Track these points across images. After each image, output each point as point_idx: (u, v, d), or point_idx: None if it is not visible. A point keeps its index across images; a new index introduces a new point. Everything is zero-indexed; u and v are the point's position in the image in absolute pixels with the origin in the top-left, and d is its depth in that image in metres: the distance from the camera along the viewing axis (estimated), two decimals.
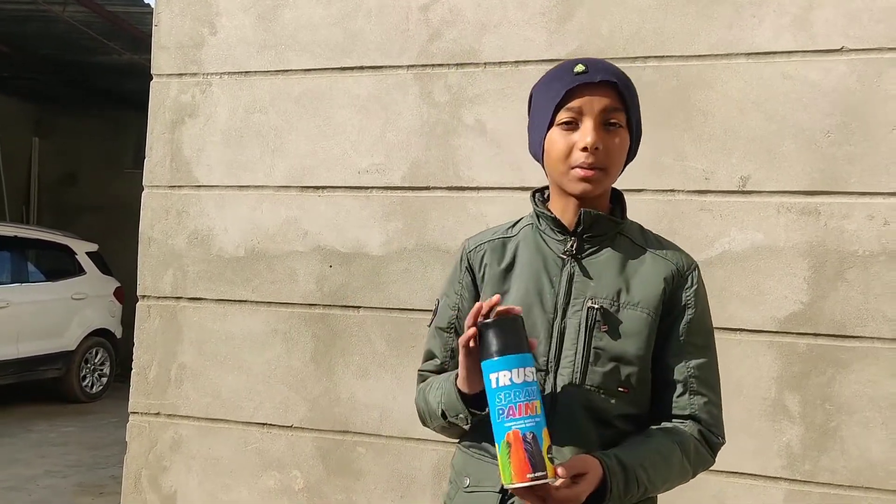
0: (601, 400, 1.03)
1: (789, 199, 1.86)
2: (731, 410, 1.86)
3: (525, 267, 1.08)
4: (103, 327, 6.60)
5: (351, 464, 2.12)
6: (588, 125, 1.02)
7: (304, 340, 2.17)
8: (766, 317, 1.85)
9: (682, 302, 1.06)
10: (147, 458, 2.27)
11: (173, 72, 2.27)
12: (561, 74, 1.06)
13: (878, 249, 1.80)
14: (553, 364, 1.04)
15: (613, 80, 1.04)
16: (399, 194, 2.11)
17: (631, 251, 1.08)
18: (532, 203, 1.12)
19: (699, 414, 1.05)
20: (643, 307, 1.04)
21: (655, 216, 1.92)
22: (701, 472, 1.07)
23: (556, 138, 1.05)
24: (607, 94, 1.03)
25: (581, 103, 1.03)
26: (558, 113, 1.04)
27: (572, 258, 1.07)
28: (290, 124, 2.19)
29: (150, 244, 2.29)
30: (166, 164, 2.29)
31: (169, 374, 2.26)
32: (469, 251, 1.14)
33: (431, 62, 2.09)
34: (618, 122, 1.04)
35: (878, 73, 1.81)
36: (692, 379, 1.05)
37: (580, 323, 1.04)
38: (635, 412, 1.05)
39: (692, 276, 1.08)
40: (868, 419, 1.79)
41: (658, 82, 1.94)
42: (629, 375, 1.03)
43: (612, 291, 1.05)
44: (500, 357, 0.93)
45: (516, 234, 1.12)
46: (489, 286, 1.10)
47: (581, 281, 1.05)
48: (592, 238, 1.07)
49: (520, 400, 0.92)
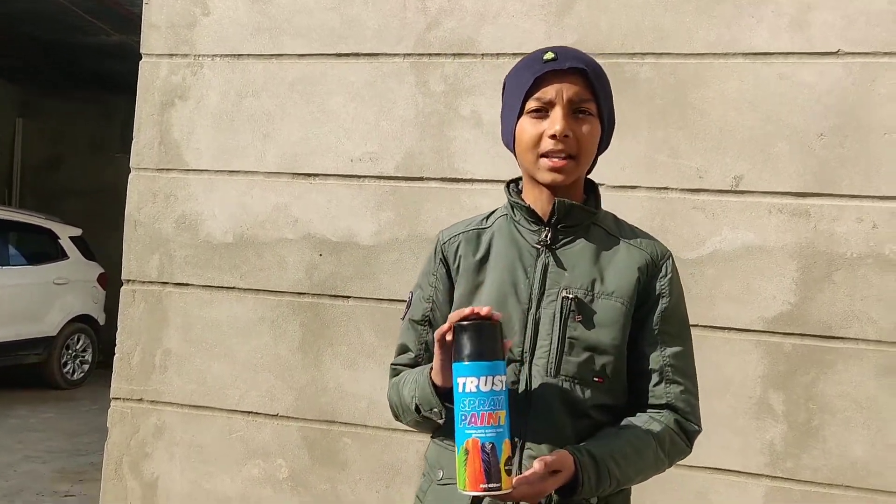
0: (576, 390, 1.02)
1: (781, 199, 1.87)
2: (716, 408, 1.88)
3: (500, 258, 1.08)
4: (86, 313, 6.51)
5: (337, 454, 2.10)
6: (557, 113, 1.02)
7: (292, 329, 2.15)
8: (755, 316, 1.87)
9: (656, 291, 1.06)
10: (129, 445, 2.24)
11: (163, 52, 2.23)
12: (531, 62, 1.05)
13: (865, 252, 1.82)
14: (528, 355, 1.04)
15: (583, 67, 1.03)
16: (392, 184, 2.09)
17: (605, 241, 1.08)
18: (506, 193, 1.11)
19: (675, 403, 1.05)
20: (617, 297, 1.04)
21: (648, 214, 1.92)
22: (679, 462, 1.08)
23: (525, 127, 1.04)
24: (576, 82, 1.03)
25: (550, 91, 1.02)
26: (528, 101, 1.04)
27: (547, 248, 1.06)
28: (283, 110, 2.16)
29: (136, 227, 2.26)
30: (154, 146, 2.25)
31: (153, 360, 2.23)
32: (443, 243, 1.13)
33: (428, 51, 2.07)
34: (587, 110, 1.04)
35: (872, 77, 1.82)
36: (668, 368, 1.05)
37: (555, 313, 1.03)
38: (610, 402, 1.05)
39: (666, 265, 1.08)
40: (850, 419, 1.81)
41: (655, 79, 1.94)
42: (604, 365, 1.03)
43: (586, 281, 1.05)
44: (470, 362, 0.92)
45: (491, 226, 1.12)
46: (464, 278, 1.09)
47: (555, 271, 1.05)
48: (567, 228, 1.07)
49: (484, 409, 0.92)
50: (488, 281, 1.07)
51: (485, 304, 1.06)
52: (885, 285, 1.80)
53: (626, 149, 1.93)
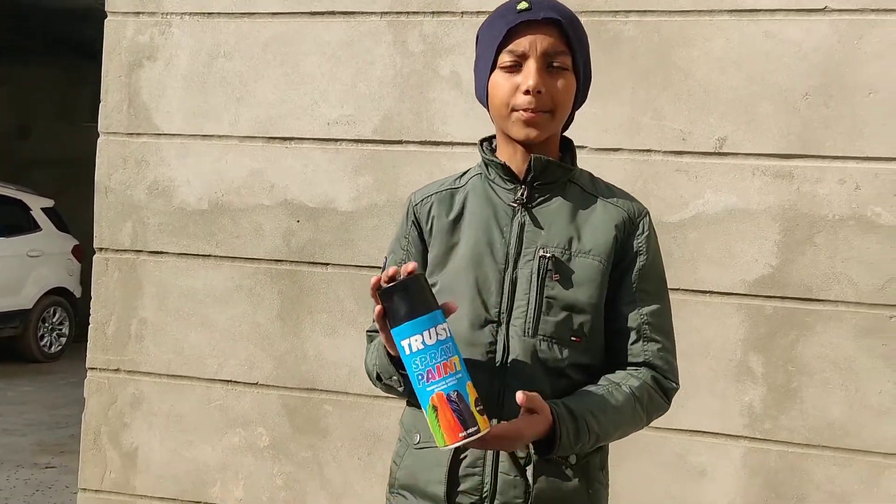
0: (554, 350, 1.01)
1: (764, 161, 1.85)
2: (697, 371, 1.89)
3: (474, 217, 1.05)
4: (61, 286, 6.41)
5: (318, 421, 2.09)
6: (531, 67, 0.99)
7: (270, 297, 2.11)
8: (736, 279, 1.87)
9: (633, 249, 1.05)
10: (107, 415, 2.20)
11: (129, 10, 2.14)
12: (504, 12, 1.01)
13: (847, 214, 1.81)
14: (505, 315, 1.02)
15: (557, 17, 0.99)
16: (370, 148, 2.04)
17: (582, 199, 1.06)
18: (480, 151, 1.08)
19: (653, 360, 1.04)
20: (595, 255, 1.03)
21: (631, 176, 1.90)
22: (657, 419, 1.07)
23: (499, 81, 1.01)
24: (551, 33, 0.99)
25: (523, 44, 0.99)
26: (501, 54, 1.00)
27: (523, 207, 1.04)
28: (257, 71, 2.09)
29: (107, 194, 2.19)
30: (123, 109, 2.17)
31: (129, 330, 2.19)
32: (415, 204, 1.10)
33: (406, 9, 2.00)
34: (562, 64, 1.00)
35: (859, 35, 1.79)
36: (645, 326, 1.04)
37: (532, 272, 1.02)
38: (588, 362, 1.04)
39: (643, 222, 1.06)
40: (827, 380, 1.83)
41: (639, 38, 1.89)
42: (582, 324, 1.02)
43: (563, 240, 1.03)
44: (407, 322, 0.90)
45: (464, 185, 1.09)
46: (437, 239, 1.07)
47: (532, 230, 1.03)
48: (543, 186, 1.05)
49: (437, 361, 0.89)
50: (463, 241, 1.05)
51: (460, 263, 1.04)
52: (867, 247, 1.80)
53: (608, 111, 1.89)
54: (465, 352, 0.99)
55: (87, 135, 2.78)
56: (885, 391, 1.81)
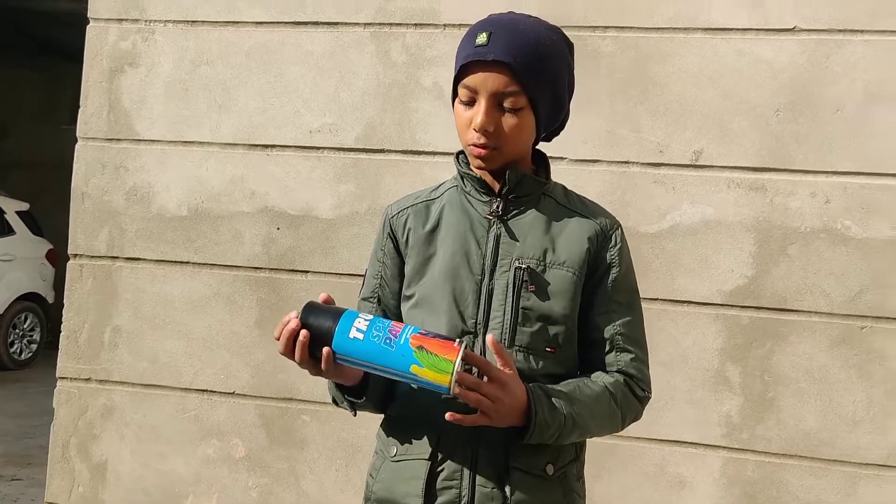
0: (530, 361, 1.02)
1: (739, 174, 1.89)
2: (675, 381, 1.90)
3: (451, 228, 1.06)
4: (33, 291, 6.26)
5: (295, 432, 2.06)
6: (480, 106, 0.99)
7: (249, 305, 2.09)
8: (713, 290, 1.89)
9: (606, 261, 1.06)
10: (76, 426, 2.15)
11: (112, 16, 2.14)
12: (467, 40, 1.02)
13: (818, 227, 1.86)
14: (481, 326, 1.02)
15: (509, 61, 0.97)
16: (352, 156, 2.05)
17: (555, 212, 1.07)
18: (456, 164, 1.10)
19: (626, 369, 1.06)
20: (569, 266, 1.04)
21: (609, 187, 1.93)
22: (630, 424, 1.08)
23: (458, 111, 1.04)
24: (503, 72, 0.98)
25: (476, 81, 0.99)
26: (458, 87, 1.02)
27: (498, 219, 1.05)
28: (240, 79, 2.09)
29: (83, 200, 2.16)
30: (103, 115, 2.15)
31: (102, 338, 2.15)
32: (391, 217, 1.11)
33: (389, 21, 2.03)
34: (512, 105, 0.99)
35: (826, 55, 1.85)
36: (619, 336, 1.05)
37: (508, 283, 1.02)
38: (562, 372, 1.04)
39: (615, 235, 1.08)
40: (803, 390, 1.85)
41: (617, 53, 1.93)
42: (556, 335, 1.03)
43: (538, 251, 1.04)
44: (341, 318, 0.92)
45: (440, 196, 1.10)
46: (414, 250, 1.08)
47: (507, 242, 1.04)
48: (517, 199, 1.06)
49: (388, 324, 0.92)
50: (440, 252, 1.06)
51: (437, 274, 1.05)
52: (837, 259, 1.85)
53: (587, 123, 1.93)
54: None
55: (66, 138, 2.75)
56: (858, 401, 1.83)
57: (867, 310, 1.83)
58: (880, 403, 1.82)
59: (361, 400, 1.03)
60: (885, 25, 1.83)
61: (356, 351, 0.91)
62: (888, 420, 1.82)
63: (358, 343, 0.90)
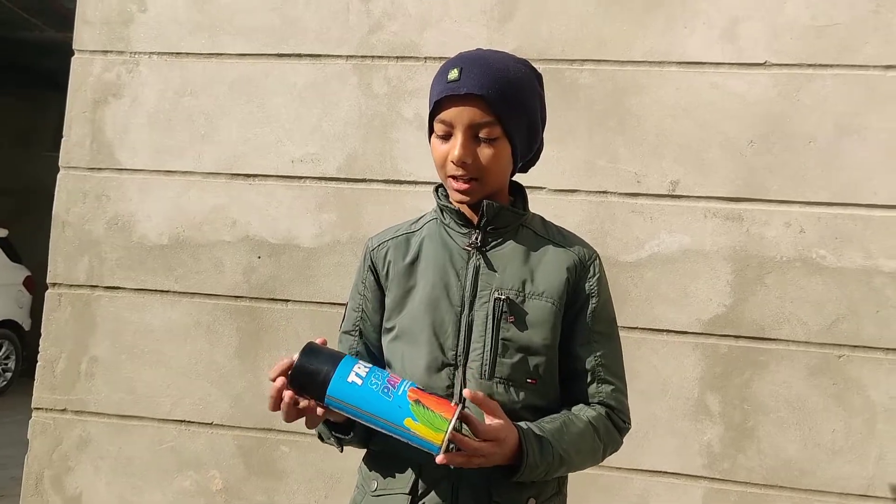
0: (510, 392, 1.02)
1: (715, 204, 1.92)
2: (655, 410, 1.90)
3: (430, 261, 1.07)
4: (9, 318, 6.17)
5: (274, 463, 2.03)
6: (456, 139, 1.00)
7: (229, 334, 2.07)
8: (692, 318, 1.90)
9: (585, 291, 1.07)
10: (51, 458, 2.11)
11: (97, 48, 2.16)
12: (440, 77, 1.04)
13: (794, 256, 1.88)
14: (462, 358, 1.02)
15: (481, 93, 0.99)
16: (334, 185, 2.06)
17: (534, 242, 1.08)
18: (435, 197, 1.11)
19: (607, 401, 1.06)
20: (548, 297, 1.04)
21: (588, 217, 1.95)
22: (611, 455, 1.08)
23: (435, 145, 1.04)
24: (477, 105, 0.99)
25: (451, 115, 1.00)
26: (434, 122, 1.03)
27: (477, 251, 1.06)
28: (223, 109, 2.11)
29: (63, 228, 2.15)
30: (86, 144, 2.16)
31: (78, 368, 2.12)
32: (372, 250, 1.12)
33: (371, 53, 2.06)
34: (487, 135, 1.01)
35: (797, 88, 1.90)
36: (599, 367, 1.06)
37: (487, 315, 1.02)
38: (543, 404, 1.04)
39: (594, 265, 1.09)
40: (782, 419, 1.86)
41: (595, 85, 1.97)
42: (537, 366, 1.03)
43: (517, 282, 1.04)
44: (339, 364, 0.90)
45: (420, 229, 1.11)
46: (395, 283, 1.08)
47: (486, 273, 1.05)
48: (496, 230, 1.07)
49: (386, 374, 0.91)
50: (420, 284, 1.06)
51: (417, 306, 1.05)
52: (813, 288, 1.86)
53: (566, 153, 1.95)
54: None
55: (45, 164, 2.75)
56: (837, 430, 1.84)
57: (844, 338, 1.84)
58: (859, 432, 1.83)
59: (349, 436, 1.02)
60: (853, 60, 1.88)
61: (353, 396, 0.89)
62: (867, 449, 1.82)
63: (356, 388, 0.89)
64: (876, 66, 1.87)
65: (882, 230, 1.85)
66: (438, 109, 1.02)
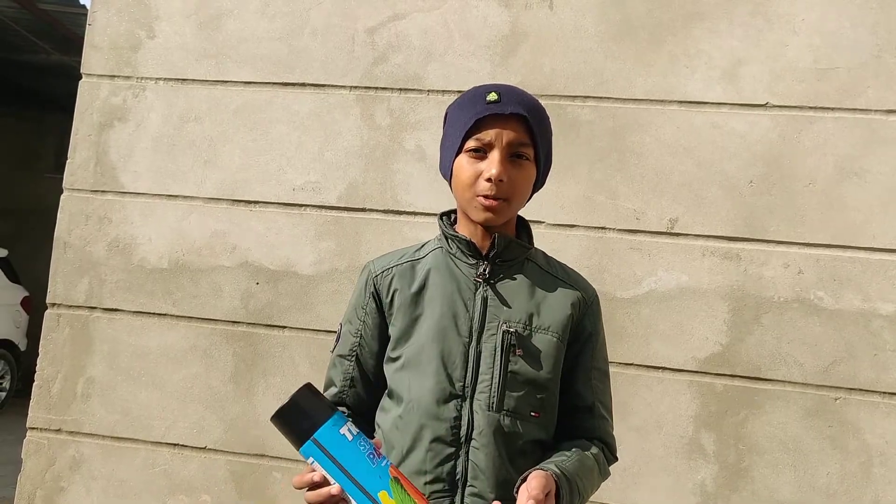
0: (517, 425, 1.02)
1: (714, 243, 1.92)
2: (650, 448, 1.89)
3: (438, 290, 1.07)
4: (6, 338, 6.17)
5: (265, 489, 2.03)
6: (495, 157, 1.02)
7: (225, 358, 2.08)
8: (688, 356, 1.90)
9: (588, 329, 1.09)
10: (43, 478, 2.11)
11: (105, 73, 2.18)
12: (474, 100, 1.05)
13: (791, 297, 1.88)
14: (469, 389, 1.02)
15: (524, 113, 1.03)
16: (334, 214, 2.07)
17: (539, 277, 1.09)
18: (440, 225, 1.11)
19: (605, 437, 1.09)
20: (553, 332, 1.05)
21: (586, 252, 1.95)
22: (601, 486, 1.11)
23: (464, 164, 1.04)
24: (516, 126, 1.02)
25: (490, 134, 1.02)
26: (467, 140, 1.04)
27: (485, 282, 1.06)
28: (226, 136, 2.13)
29: (65, 250, 2.17)
30: (90, 167, 2.18)
31: (75, 389, 2.13)
32: (375, 275, 1.11)
33: (375, 85, 2.08)
34: (525, 155, 1.04)
35: (798, 130, 1.91)
36: (598, 404, 1.08)
37: (496, 346, 1.03)
38: (543, 437, 1.05)
39: (595, 302, 1.11)
40: (777, 460, 1.84)
41: (595, 122, 1.98)
42: (541, 399, 1.04)
43: (524, 316, 1.05)
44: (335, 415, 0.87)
45: (424, 257, 1.11)
46: (401, 311, 1.08)
47: (495, 305, 1.05)
48: (504, 262, 1.07)
49: (372, 444, 0.88)
50: (427, 313, 1.06)
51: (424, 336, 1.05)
52: (810, 329, 1.86)
53: (565, 189, 1.96)
54: (430, 426, 1.00)
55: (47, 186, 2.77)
56: (832, 473, 1.82)
57: (840, 381, 1.83)
58: (854, 476, 1.81)
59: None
60: (854, 104, 1.89)
61: (339, 447, 0.88)
62: (862, 493, 1.81)
63: (345, 441, 0.88)
64: (877, 110, 1.88)
65: (881, 273, 1.84)
66: (476, 129, 1.03)
